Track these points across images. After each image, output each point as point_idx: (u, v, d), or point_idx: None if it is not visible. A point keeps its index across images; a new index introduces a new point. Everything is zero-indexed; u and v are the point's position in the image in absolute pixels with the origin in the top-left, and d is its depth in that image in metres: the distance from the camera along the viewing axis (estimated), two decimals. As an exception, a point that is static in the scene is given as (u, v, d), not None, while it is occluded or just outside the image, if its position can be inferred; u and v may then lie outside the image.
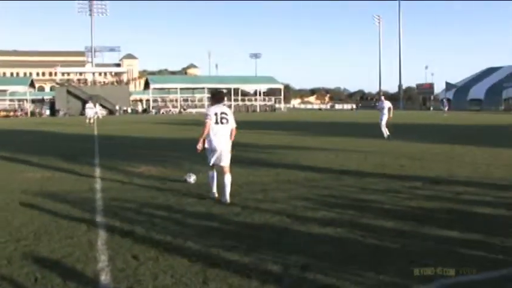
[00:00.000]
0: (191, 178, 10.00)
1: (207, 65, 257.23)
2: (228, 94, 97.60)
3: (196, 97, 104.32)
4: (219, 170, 8.30)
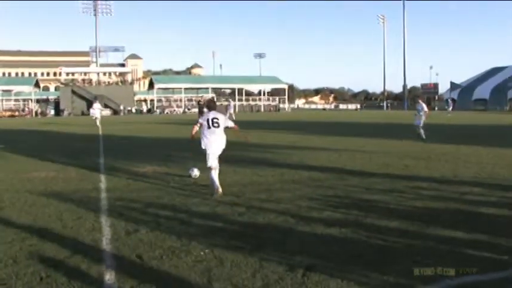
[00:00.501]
0: (194, 172, 10.46)
1: (212, 65, 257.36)
2: (232, 94, 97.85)
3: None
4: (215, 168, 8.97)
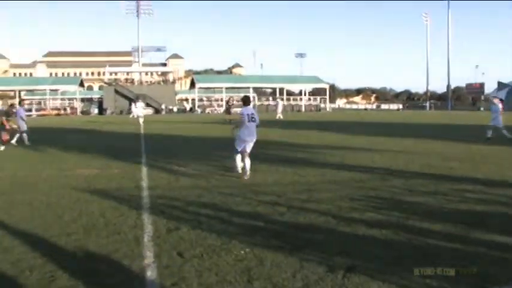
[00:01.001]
0: (237, 165, 11.27)
1: (252, 65, 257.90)
2: (273, 93, 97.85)
3: (241, 96, 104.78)
4: (243, 154, 10.76)
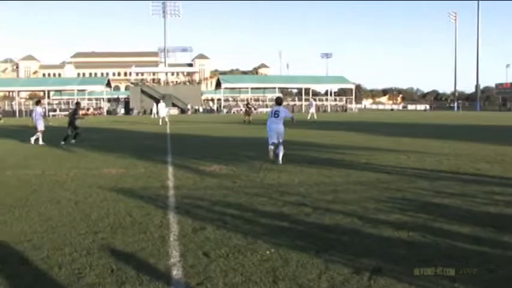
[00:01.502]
0: (270, 155, 13.06)
1: (278, 65, 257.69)
2: (299, 94, 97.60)
3: (267, 97, 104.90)
4: (276, 145, 13.04)
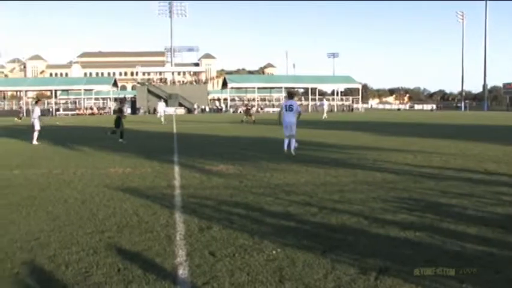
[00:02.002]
0: (285, 147, 15.00)
1: (285, 65, 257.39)
2: (305, 94, 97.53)
3: (273, 96, 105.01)
4: (290, 138, 14.99)
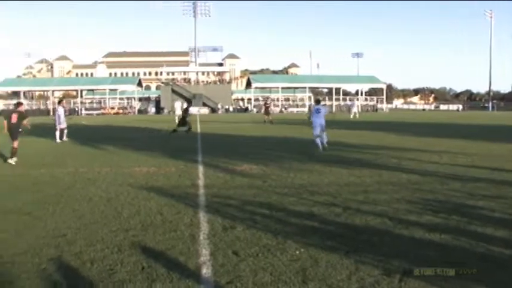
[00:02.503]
0: (318, 145, 16.14)
1: (309, 65, 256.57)
2: (329, 93, 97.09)
3: (297, 96, 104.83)
4: (320, 136, 16.52)
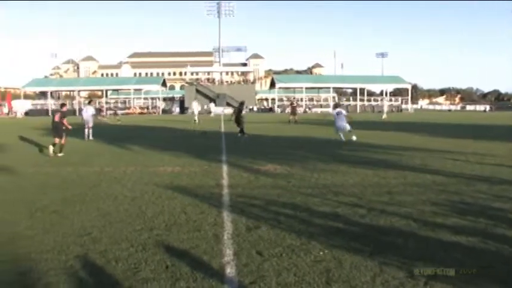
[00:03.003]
0: (342, 138, 18.55)
1: (333, 65, 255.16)
2: (354, 94, 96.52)
3: (321, 96, 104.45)
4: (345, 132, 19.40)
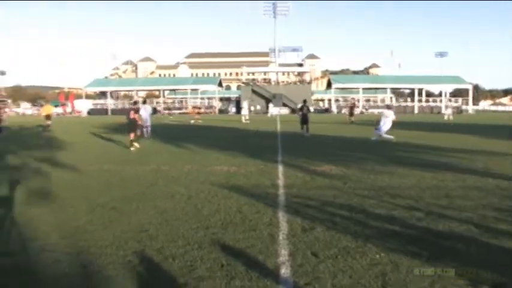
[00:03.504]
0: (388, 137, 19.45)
1: (390, 65, 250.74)
2: (411, 94, 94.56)
3: (378, 97, 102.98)
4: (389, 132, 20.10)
